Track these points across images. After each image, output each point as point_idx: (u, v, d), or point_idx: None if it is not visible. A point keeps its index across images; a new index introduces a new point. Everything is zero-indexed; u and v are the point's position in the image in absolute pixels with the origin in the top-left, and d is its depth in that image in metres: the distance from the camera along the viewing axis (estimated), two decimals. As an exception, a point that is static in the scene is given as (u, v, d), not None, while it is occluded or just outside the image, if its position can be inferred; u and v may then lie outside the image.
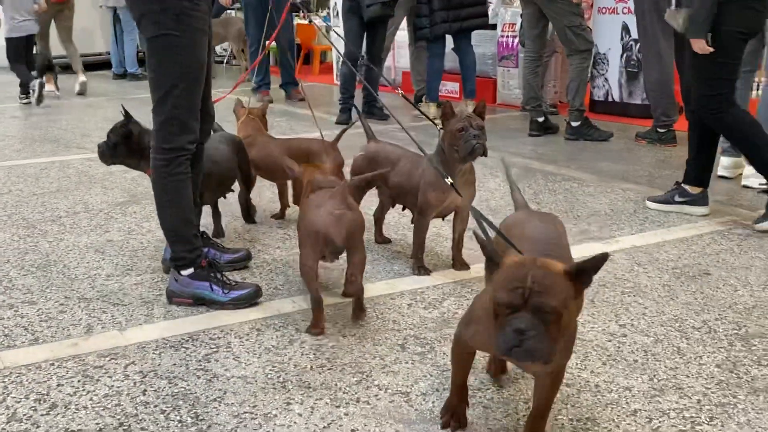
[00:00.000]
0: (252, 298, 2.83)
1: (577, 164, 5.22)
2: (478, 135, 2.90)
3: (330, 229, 2.55)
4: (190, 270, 2.80)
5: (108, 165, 3.19)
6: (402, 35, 8.03)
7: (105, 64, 11.30)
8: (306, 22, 7.57)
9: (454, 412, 2.02)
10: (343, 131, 3.76)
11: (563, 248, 2.00)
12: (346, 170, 3.56)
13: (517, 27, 7.47)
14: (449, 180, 2.88)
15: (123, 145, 3.10)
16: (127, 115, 3.11)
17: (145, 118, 2.88)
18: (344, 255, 2.66)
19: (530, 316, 1.57)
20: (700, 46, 3.68)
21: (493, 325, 1.64)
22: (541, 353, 1.58)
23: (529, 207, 2.32)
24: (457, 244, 3.21)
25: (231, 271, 3.10)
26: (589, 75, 6.64)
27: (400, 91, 3.48)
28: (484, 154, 2.94)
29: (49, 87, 9.28)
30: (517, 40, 7.57)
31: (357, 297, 2.71)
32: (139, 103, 7.97)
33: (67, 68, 11.73)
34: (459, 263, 3.21)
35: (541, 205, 4.18)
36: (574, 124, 6.11)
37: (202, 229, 3.11)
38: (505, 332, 1.59)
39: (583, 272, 1.62)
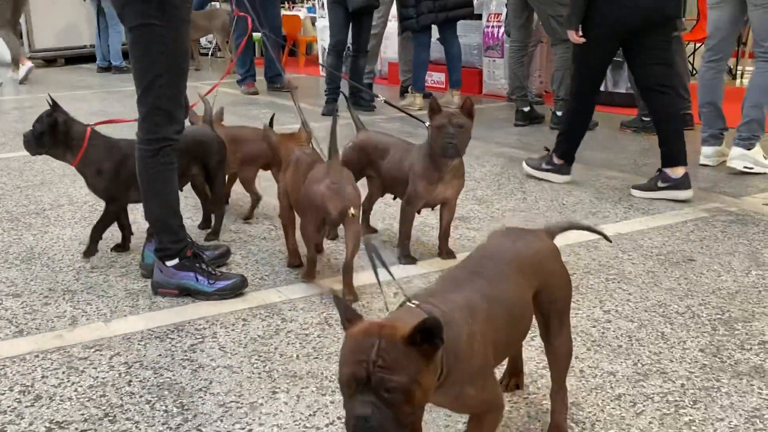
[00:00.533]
0: (237, 289, 2.82)
1: (563, 153, 5.22)
2: (454, 134, 2.88)
3: (328, 202, 2.69)
4: (175, 261, 2.79)
5: (33, 155, 3.15)
6: (390, 26, 8.01)
7: (90, 57, 11.22)
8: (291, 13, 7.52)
9: None
10: (271, 120, 3.59)
11: (502, 267, 1.73)
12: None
13: (503, 17, 7.47)
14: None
15: (48, 135, 3.06)
16: (53, 104, 3.07)
17: (131, 111, 2.85)
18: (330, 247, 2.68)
19: (374, 398, 1.33)
20: (571, 36, 4.13)
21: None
22: None
23: (539, 230, 1.94)
24: (444, 233, 3.21)
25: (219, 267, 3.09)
26: (575, 64, 6.64)
27: (381, 98, 3.57)
28: (458, 154, 2.92)
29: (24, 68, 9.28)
30: (502, 30, 7.57)
31: (347, 273, 2.77)
32: (123, 96, 7.94)
33: (51, 62, 11.67)
34: (445, 252, 3.22)
35: (526, 194, 4.20)
36: (560, 113, 6.12)
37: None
38: (348, 417, 1.36)
39: (423, 333, 1.34)
